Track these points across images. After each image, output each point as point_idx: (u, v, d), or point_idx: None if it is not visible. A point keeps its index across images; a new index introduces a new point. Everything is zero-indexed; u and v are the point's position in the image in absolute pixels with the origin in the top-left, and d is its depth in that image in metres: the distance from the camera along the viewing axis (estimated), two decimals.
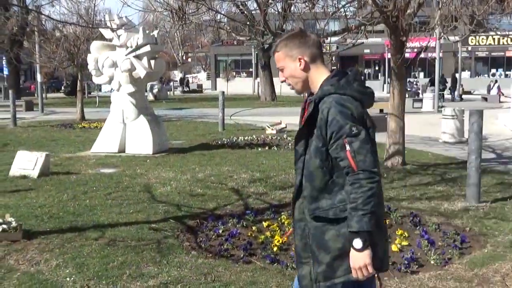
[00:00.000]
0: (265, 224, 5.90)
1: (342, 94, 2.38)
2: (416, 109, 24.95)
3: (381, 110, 18.20)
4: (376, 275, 2.58)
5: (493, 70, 51.62)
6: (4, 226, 5.36)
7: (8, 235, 5.34)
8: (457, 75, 35.91)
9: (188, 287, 4.27)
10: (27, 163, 8.80)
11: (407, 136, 10.63)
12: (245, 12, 19.57)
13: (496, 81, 35.25)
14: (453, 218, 6.24)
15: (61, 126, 17.82)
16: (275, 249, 5.17)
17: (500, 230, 5.76)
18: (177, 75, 66.89)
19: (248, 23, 10.18)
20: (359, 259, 2.29)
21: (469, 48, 49.49)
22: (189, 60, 79.67)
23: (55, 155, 11.04)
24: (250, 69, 51.58)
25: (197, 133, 15.57)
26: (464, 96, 34.80)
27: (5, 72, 37.24)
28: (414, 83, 38.64)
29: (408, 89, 31.42)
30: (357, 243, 2.27)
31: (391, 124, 9.61)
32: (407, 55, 9.50)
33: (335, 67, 35.78)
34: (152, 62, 11.38)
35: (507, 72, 50.71)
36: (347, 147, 2.31)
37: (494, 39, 47.71)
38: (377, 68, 54.91)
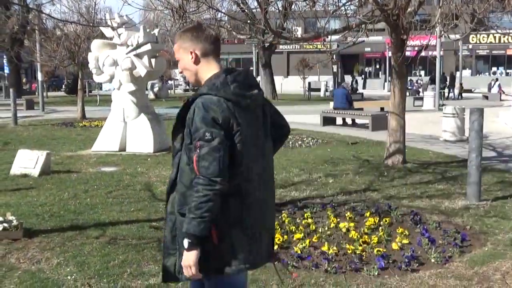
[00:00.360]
0: None
1: (214, 95, 2.42)
2: (417, 108, 24.95)
3: (382, 109, 18.20)
4: (275, 270, 2.73)
5: (494, 69, 51.62)
6: (5, 224, 5.38)
7: (9, 234, 5.35)
8: (455, 74, 35.90)
9: (189, 285, 4.27)
10: (28, 161, 8.81)
11: (408, 134, 10.64)
12: (246, 10, 19.54)
13: (497, 80, 35.23)
14: (453, 216, 6.24)
15: (62, 125, 17.83)
16: (275, 247, 5.17)
17: (501, 228, 5.77)
18: (177, 73, 66.83)
19: (248, 21, 10.16)
20: (185, 259, 2.41)
21: (470, 47, 49.49)
22: None
23: (56, 153, 11.05)
24: (251, 68, 51.56)
25: None
26: (464, 95, 34.78)
27: (6, 71, 37.27)
28: (417, 81, 38.55)
29: (409, 87, 31.43)
30: (185, 243, 2.38)
31: (391, 123, 9.61)
32: (407, 53, 9.50)
33: (336, 65, 35.79)
34: (153, 60, 11.39)
35: (507, 71, 50.70)
36: (197, 151, 2.37)
37: (495, 37, 47.67)
38: (377, 66, 54.91)
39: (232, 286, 2.59)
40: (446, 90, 33.68)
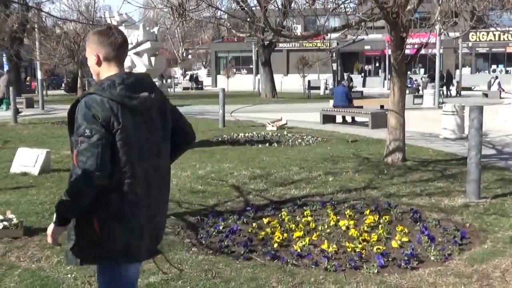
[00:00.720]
0: (265, 220, 5.91)
1: (98, 95, 2.57)
2: (416, 105, 24.94)
3: (382, 107, 18.20)
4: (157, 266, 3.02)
5: (494, 66, 51.61)
6: (5, 223, 5.38)
7: (9, 232, 5.36)
8: (452, 72, 35.77)
9: (189, 283, 4.29)
10: (27, 160, 8.81)
11: (408, 132, 10.63)
12: (245, 8, 19.55)
13: (496, 77, 35.21)
14: (453, 214, 6.25)
15: (62, 123, 17.79)
16: (275, 245, 5.19)
17: (500, 226, 5.77)
18: (177, 72, 66.86)
19: (248, 19, 10.15)
20: (49, 228, 2.65)
21: (470, 44, 49.48)
22: (190, 56, 79.65)
23: (56, 152, 11.04)
24: (251, 66, 51.59)
25: (198, 130, 15.50)
26: (464, 92, 34.72)
27: (6, 69, 37.28)
28: (421, 78, 38.37)
29: (409, 85, 31.41)
30: (54, 216, 2.62)
31: (391, 121, 9.61)
32: (407, 51, 9.50)
33: (335, 63, 35.80)
34: (152, 59, 11.39)
35: (507, 68, 50.68)
36: (78, 146, 2.52)
37: (494, 35, 47.67)
38: (377, 64, 54.87)
39: (121, 277, 2.73)
40: (444, 88, 33.61)
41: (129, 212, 2.63)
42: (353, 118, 17.46)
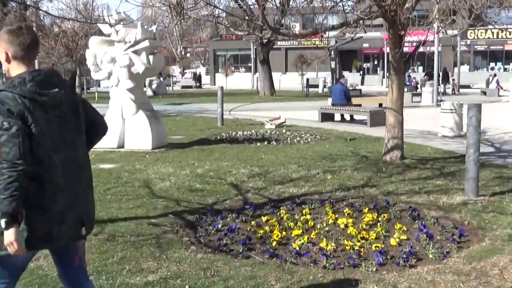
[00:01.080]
0: (264, 219, 5.92)
1: (9, 92, 2.69)
2: (415, 103, 24.95)
3: (380, 105, 18.22)
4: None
5: (492, 64, 51.60)
6: None
7: None
8: (449, 70, 35.68)
9: (188, 282, 4.29)
10: None
11: (406, 130, 10.64)
12: (244, 7, 19.53)
13: (495, 75, 35.21)
14: (451, 212, 6.26)
15: None
16: (274, 243, 5.19)
17: (499, 223, 5.78)
18: (175, 70, 66.81)
19: (246, 18, 10.15)
20: (6, 237, 2.65)
21: (468, 42, 49.46)
22: (188, 55, 79.59)
23: None
24: (249, 64, 51.56)
25: (196, 128, 15.58)
26: (462, 90, 34.69)
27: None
28: (424, 76, 38.27)
29: (407, 83, 31.40)
30: (2, 223, 2.63)
31: (389, 119, 9.62)
32: (405, 49, 9.50)
33: (334, 61, 35.80)
34: (151, 57, 11.37)
35: (506, 66, 50.70)
36: None
37: (493, 32, 47.64)
38: (376, 62, 54.86)
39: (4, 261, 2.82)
40: (441, 86, 33.57)
41: (48, 202, 2.76)
42: (351, 116, 17.47)
